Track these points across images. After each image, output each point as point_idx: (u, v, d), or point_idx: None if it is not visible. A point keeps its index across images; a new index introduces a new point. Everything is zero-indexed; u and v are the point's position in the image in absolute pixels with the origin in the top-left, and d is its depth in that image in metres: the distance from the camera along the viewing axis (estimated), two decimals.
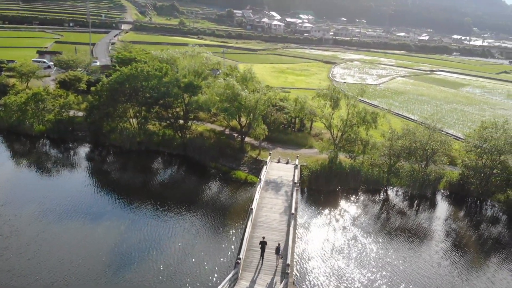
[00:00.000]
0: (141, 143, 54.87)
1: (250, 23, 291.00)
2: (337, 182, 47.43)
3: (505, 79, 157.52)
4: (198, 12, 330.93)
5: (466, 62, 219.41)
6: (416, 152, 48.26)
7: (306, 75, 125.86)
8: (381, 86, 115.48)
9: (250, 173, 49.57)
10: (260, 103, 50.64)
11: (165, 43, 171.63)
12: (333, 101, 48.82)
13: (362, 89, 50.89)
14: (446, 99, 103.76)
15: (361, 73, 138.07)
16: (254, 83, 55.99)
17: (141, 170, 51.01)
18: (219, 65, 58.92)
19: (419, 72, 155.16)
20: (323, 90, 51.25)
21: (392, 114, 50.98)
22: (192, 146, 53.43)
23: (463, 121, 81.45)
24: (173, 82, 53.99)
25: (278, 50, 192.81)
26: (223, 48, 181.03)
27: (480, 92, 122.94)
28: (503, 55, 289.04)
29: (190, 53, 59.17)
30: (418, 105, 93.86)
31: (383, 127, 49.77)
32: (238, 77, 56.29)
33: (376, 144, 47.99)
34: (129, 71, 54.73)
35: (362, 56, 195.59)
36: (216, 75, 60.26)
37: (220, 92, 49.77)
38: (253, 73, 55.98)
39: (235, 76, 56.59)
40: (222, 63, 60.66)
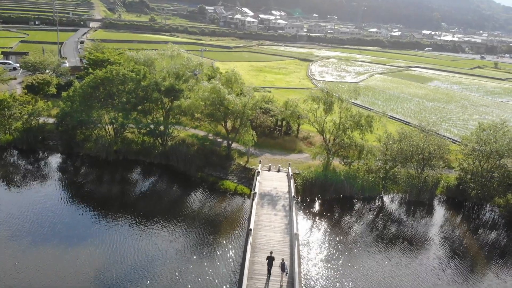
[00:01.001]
0: (118, 152, 50.75)
1: (223, 19, 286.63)
2: (332, 191, 44.61)
3: (479, 74, 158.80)
4: (169, 8, 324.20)
5: (439, 57, 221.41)
6: (413, 157, 45.92)
7: (285, 73, 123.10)
8: (361, 84, 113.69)
9: (240, 182, 46.23)
10: (247, 107, 47.32)
11: (136, 41, 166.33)
12: (327, 105, 45.93)
13: (355, 91, 48.17)
14: (427, 97, 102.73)
15: (339, 71, 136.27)
16: (239, 85, 52.59)
17: (120, 182, 47.03)
18: (201, 66, 55.25)
19: (396, 68, 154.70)
20: (316, 93, 48.28)
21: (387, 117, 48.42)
22: (174, 154, 49.63)
23: (448, 119, 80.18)
24: (152, 86, 50.07)
25: (254, 47, 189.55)
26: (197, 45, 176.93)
27: (458, 88, 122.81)
28: (473, 50, 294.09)
29: (170, 53, 55.20)
30: (400, 103, 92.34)
31: (379, 131, 47.26)
32: (222, 79, 52.74)
33: (372, 149, 45.39)
34: (103, 74, 50.47)
35: (338, 53, 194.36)
36: (196, 77, 56.46)
37: (205, 97, 46.16)
38: (237, 75, 52.58)
39: (219, 78, 52.95)
40: (204, 64, 56.85)
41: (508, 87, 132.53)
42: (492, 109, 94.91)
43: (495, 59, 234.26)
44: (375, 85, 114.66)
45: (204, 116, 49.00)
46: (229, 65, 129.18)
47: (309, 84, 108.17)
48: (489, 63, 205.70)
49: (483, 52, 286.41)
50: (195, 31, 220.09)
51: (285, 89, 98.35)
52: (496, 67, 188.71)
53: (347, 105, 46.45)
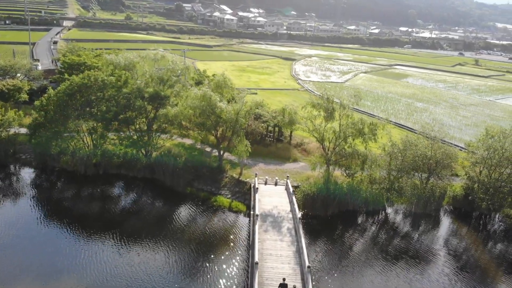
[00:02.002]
0: (98, 166, 46.20)
1: (201, 17, 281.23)
2: (335, 205, 41.17)
3: (461, 72, 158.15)
4: (145, 6, 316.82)
5: (419, 54, 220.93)
6: (419, 167, 42.87)
7: (269, 73, 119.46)
8: (348, 84, 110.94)
9: (234, 198, 42.38)
10: (241, 115, 43.43)
11: (112, 40, 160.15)
12: (328, 112, 42.39)
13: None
14: (415, 96, 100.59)
15: (323, 70, 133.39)
16: (229, 89, 48.71)
17: (100, 199, 42.68)
18: (187, 70, 51.06)
19: (379, 67, 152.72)
20: (316, 99, 44.68)
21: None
22: (160, 167, 45.37)
23: (441, 121, 77.73)
24: (135, 93, 45.71)
25: (234, 46, 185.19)
26: (176, 44, 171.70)
27: (444, 87, 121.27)
28: (451, 47, 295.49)
29: (153, 56, 50.83)
30: (390, 104, 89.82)
31: (383, 139, 44.00)
32: (211, 84, 48.74)
33: (377, 159, 42.11)
34: (80, 80, 45.87)
35: (319, 52, 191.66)
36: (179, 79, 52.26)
37: (195, 105, 42.05)
38: (227, 79, 48.59)
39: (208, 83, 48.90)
40: (191, 68, 52.62)
41: (492, 85, 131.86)
42: (482, 108, 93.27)
43: (474, 56, 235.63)
44: (361, 84, 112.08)
45: (193, 125, 44.85)
46: (211, 65, 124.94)
47: (294, 85, 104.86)
48: (469, 60, 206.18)
49: (461, 48, 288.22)
50: (173, 29, 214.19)
51: (271, 91, 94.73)
52: (477, 64, 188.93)
53: (347, 112, 43.06)
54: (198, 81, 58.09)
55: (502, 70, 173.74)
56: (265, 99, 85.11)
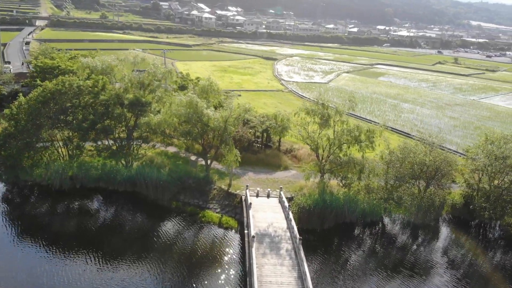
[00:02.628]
0: (75, 179, 42.50)
1: (178, 15, 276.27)
2: (331, 218, 38.63)
3: (442, 71, 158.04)
4: (121, 4, 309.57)
5: (398, 53, 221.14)
6: (418, 175, 40.68)
7: (251, 73, 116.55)
8: (332, 85, 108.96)
9: (224, 212, 39.42)
10: (229, 123, 40.45)
11: (87, 40, 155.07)
12: (323, 119, 39.77)
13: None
14: (400, 97, 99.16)
15: (306, 70, 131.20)
16: (216, 94, 45.72)
17: (77, 216, 39.31)
18: (169, 73, 47.72)
19: (360, 66, 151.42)
20: (311, 105, 41.96)
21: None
22: (142, 179, 42.00)
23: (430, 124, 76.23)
24: (113, 100, 42.26)
25: (214, 45, 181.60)
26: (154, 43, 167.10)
27: (427, 86, 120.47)
28: (428, 45, 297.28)
29: (132, 59, 47.37)
30: (376, 105, 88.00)
31: (381, 147, 41.63)
32: (196, 89, 45.61)
33: (375, 169, 39.73)
34: (54, 86, 42.21)
35: (300, 51, 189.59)
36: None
37: (181, 113, 38.86)
38: (214, 84, 45.54)
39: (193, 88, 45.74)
40: (173, 71, 49.31)
41: (473, 84, 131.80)
42: (467, 108, 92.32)
43: (452, 54, 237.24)
44: (345, 85, 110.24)
45: (178, 134, 41.58)
46: (191, 65, 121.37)
47: (278, 86, 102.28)
48: (448, 58, 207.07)
49: (439, 47, 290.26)
50: (150, 28, 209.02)
51: (255, 92, 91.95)
52: (456, 63, 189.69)
53: (343, 118, 40.57)
54: (182, 85, 54.79)
55: (481, 68, 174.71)
56: (250, 101, 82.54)
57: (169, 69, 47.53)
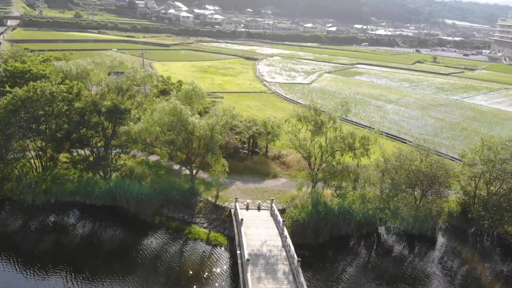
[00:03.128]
0: (49, 193, 39.24)
1: (155, 14, 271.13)
2: (327, 231, 36.42)
3: (422, 70, 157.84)
4: (95, 3, 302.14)
5: (377, 52, 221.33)
6: (415, 184, 38.85)
7: (232, 74, 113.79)
8: (315, 85, 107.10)
9: (212, 227, 36.79)
10: (216, 131, 37.80)
11: (61, 40, 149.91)
12: (317, 126, 37.49)
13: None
14: (384, 97, 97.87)
15: (287, 70, 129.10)
16: (200, 99, 43.01)
17: (52, 233, 36.27)
18: (150, 78, 44.78)
19: (341, 66, 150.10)
20: (303, 111, 39.53)
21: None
22: (122, 192, 39.00)
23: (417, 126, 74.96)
24: (89, 107, 39.11)
25: (193, 44, 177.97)
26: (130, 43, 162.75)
27: (409, 86, 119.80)
28: (406, 44, 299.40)
29: (109, 63, 44.21)
30: (360, 106, 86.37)
31: (375, 154, 39.61)
32: (179, 94, 42.73)
33: (370, 178, 37.69)
34: (24, 93, 38.85)
35: (280, 51, 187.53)
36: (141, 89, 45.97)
37: (164, 122, 36.02)
38: (198, 88, 42.80)
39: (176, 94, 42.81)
40: (154, 75, 46.28)
41: (454, 83, 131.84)
42: (451, 108, 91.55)
43: (430, 53, 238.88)
44: (328, 85, 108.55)
45: (160, 143, 38.63)
46: (170, 66, 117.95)
47: (261, 87, 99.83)
48: (427, 57, 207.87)
49: (416, 45, 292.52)
50: (126, 28, 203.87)
51: (238, 94, 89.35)
52: (435, 61, 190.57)
53: (335, 124, 38.38)
54: (163, 89, 51.76)
55: (460, 67, 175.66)
56: (233, 103, 79.85)
57: (149, 73, 44.53)
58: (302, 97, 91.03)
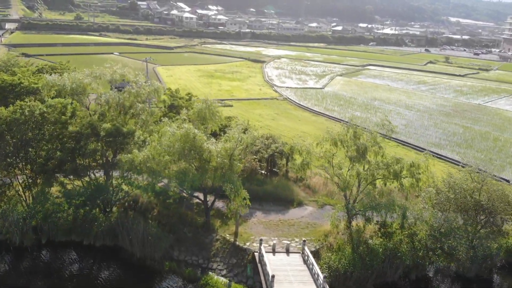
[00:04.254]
0: (40, 231, 33.37)
1: (157, 15, 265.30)
2: (371, 280, 30.35)
3: (437, 71, 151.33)
4: (96, 4, 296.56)
5: (387, 52, 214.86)
6: (470, 216, 32.81)
7: (240, 79, 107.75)
8: (328, 90, 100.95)
9: (232, 275, 30.74)
10: (235, 157, 31.84)
11: (60, 44, 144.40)
12: (359, 152, 31.35)
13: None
14: (403, 103, 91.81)
15: (297, 73, 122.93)
16: (216, 120, 36.99)
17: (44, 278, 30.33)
18: (156, 92, 38.82)
19: (352, 68, 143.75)
20: (339, 133, 33.24)
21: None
22: (125, 231, 33.04)
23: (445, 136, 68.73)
24: (86, 130, 33.17)
25: (197, 47, 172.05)
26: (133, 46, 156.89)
27: (427, 89, 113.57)
28: (413, 43, 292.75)
29: (109, 77, 38.19)
30: (381, 114, 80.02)
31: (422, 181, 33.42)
32: (191, 113, 36.67)
33: (422, 215, 31.61)
34: (10, 114, 32.97)
35: (287, 52, 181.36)
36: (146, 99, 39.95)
37: (174, 150, 30.02)
38: (213, 106, 36.73)
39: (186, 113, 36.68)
40: (161, 89, 40.18)
41: (472, 85, 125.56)
42: (477, 114, 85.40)
43: (439, 52, 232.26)
44: (341, 90, 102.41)
45: (171, 175, 32.43)
46: (174, 71, 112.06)
47: (271, 93, 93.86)
48: (438, 57, 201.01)
49: (424, 44, 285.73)
50: (128, 30, 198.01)
51: (248, 101, 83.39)
52: (448, 62, 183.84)
53: (378, 148, 32.27)
54: (171, 104, 45.83)
55: (474, 67, 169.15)
56: (243, 112, 74.04)
57: (155, 87, 38.47)
58: (316, 103, 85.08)
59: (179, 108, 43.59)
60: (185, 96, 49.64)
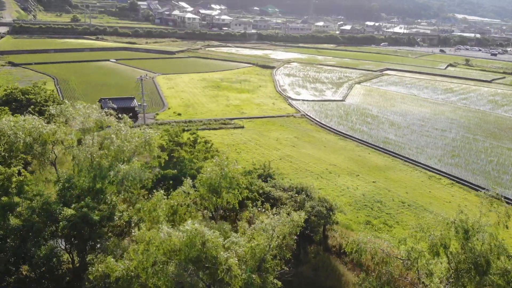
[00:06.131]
0: None
1: (158, 16, 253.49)
2: None
3: (459, 76, 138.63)
4: (95, 5, 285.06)
5: (400, 53, 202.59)
6: None
7: (249, 89, 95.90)
8: (349, 103, 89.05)
9: None
10: (268, 262, 20.21)
11: (52, 50, 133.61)
12: (477, 267, 19.52)
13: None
14: (440, 120, 79.83)
15: (311, 81, 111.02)
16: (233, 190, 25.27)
17: None
18: (148, 146, 27.31)
19: (370, 73, 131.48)
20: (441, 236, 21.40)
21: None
22: None
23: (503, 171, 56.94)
24: (37, 224, 21.52)
25: (200, 50, 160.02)
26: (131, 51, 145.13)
27: (458, 99, 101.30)
28: (425, 42, 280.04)
29: (80, 124, 26.49)
30: (419, 136, 68.16)
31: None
32: (198, 185, 24.94)
33: None
34: None
35: (296, 55, 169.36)
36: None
37: (172, 272, 18.42)
38: (230, 173, 25.00)
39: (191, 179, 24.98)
40: (153, 144, 28.33)
41: (504, 93, 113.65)
42: None
43: (454, 53, 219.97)
44: (364, 102, 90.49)
45: None
46: (176, 81, 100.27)
47: (286, 108, 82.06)
48: (456, 58, 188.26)
49: (436, 44, 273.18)
50: (127, 32, 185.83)
51: (261, 120, 71.70)
52: (468, 64, 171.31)
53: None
54: (171, 149, 33.77)
55: (498, 71, 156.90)
56: (257, 136, 62.47)
57: (146, 139, 26.96)
58: (340, 122, 73.29)
59: (179, 162, 31.67)
60: (189, 141, 37.19)
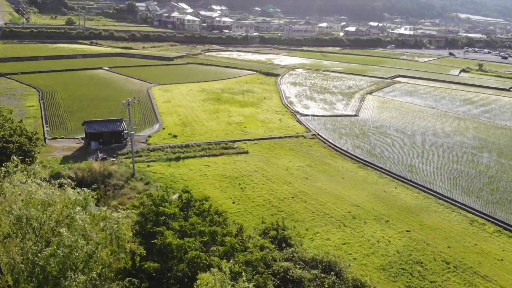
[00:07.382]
0: None
1: (157, 18, 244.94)
2: None
3: (475, 83, 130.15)
4: (92, 6, 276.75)
5: (408, 56, 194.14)
6: None
7: (253, 102, 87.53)
8: (364, 118, 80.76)
9: None
10: None
11: (42, 57, 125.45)
12: None
13: None
14: (464, 139, 71.58)
15: (319, 92, 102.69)
16: None
17: None
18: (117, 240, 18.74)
19: (381, 81, 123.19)
20: None
21: None
22: None
23: None
24: None
25: (200, 56, 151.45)
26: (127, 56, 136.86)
27: (479, 112, 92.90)
28: (432, 44, 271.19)
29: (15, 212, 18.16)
30: (446, 163, 59.93)
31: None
32: None
33: None
34: None
35: (300, 59, 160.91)
36: None
37: None
38: None
39: None
40: (125, 233, 19.89)
41: None
42: None
43: (463, 56, 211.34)
44: (381, 117, 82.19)
45: None
46: (173, 92, 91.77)
47: (295, 125, 73.68)
48: (468, 63, 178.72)
49: (444, 46, 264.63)
50: (123, 36, 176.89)
51: (267, 142, 63.33)
52: (482, 69, 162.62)
53: None
54: (152, 232, 24.69)
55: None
56: (264, 164, 54.20)
57: (113, 231, 18.64)
58: (357, 144, 64.90)
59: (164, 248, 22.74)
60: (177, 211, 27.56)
